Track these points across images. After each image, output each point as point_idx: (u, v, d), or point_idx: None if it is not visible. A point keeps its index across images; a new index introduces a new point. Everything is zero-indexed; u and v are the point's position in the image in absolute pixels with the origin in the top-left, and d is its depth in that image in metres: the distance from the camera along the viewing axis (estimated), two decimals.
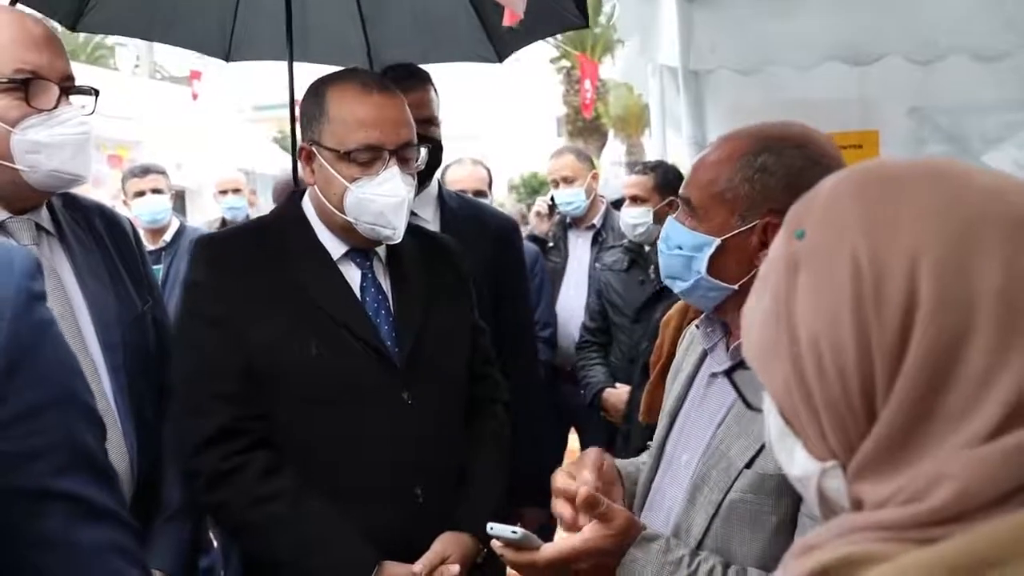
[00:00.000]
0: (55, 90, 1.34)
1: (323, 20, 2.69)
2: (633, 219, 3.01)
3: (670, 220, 1.29)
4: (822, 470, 0.60)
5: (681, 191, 1.28)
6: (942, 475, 0.51)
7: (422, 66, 2.29)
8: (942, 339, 0.53)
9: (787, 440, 0.63)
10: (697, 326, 1.34)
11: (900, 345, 0.54)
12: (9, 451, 0.83)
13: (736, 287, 1.20)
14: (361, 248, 1.59)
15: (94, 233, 1.52)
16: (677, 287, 1.28)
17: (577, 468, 1.27)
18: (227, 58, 2.77)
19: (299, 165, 1.60)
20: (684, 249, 1.24)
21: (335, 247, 1.57)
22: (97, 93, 1.45)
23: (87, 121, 1.39)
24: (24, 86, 1.30)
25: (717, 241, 1.20)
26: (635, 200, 3.00)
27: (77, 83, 1.41)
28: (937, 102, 3.00)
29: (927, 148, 3.04)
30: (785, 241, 0.64)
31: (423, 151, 1.60)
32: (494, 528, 1.17)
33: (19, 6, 1.97)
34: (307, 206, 1.61)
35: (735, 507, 1.12)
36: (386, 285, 1.61)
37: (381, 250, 1.62)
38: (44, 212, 1.43)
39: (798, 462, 0.62)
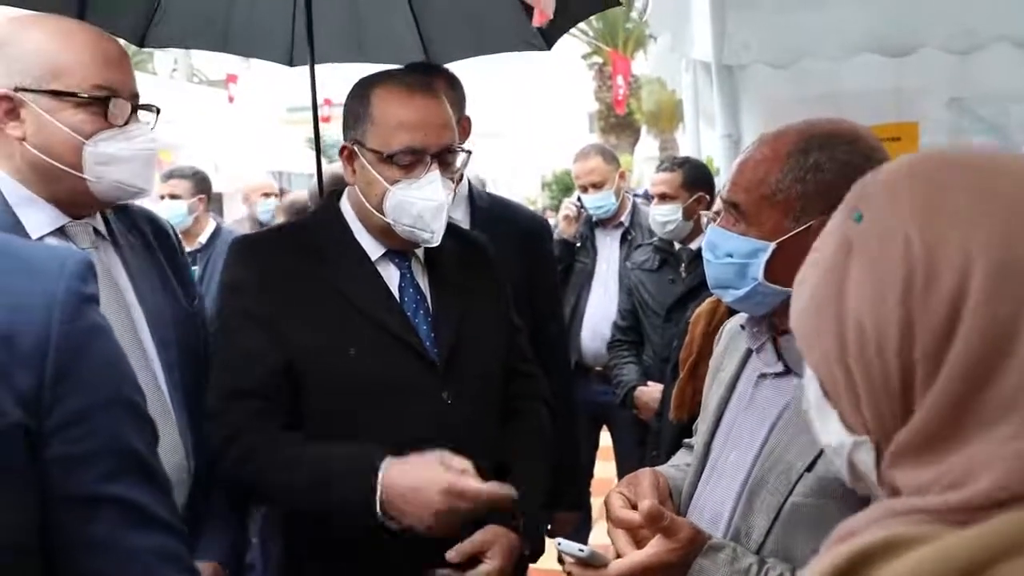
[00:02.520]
0: (128, 107, 1.40)
1: (376, 19, 2.72)
2: (662, 216, 2.99)
3: (714, 228, 1.24)
4: (853, 443, 0.62)
5: (726, 195, 1.22)
6: (983, 464, 0.51)
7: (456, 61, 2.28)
8: (990, 333, 0.53)
9: (824, 409, 0.65)
10: (742, 326, 1.31)
11: (945, 335, 0.54)
12: (61, 456, 0.84)
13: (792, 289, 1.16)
14: (399, 249, 1.60)
15: (143, 238, 1.57)
16: (729, 296, 1.23)
17: (633, 490, 1.26)
18: (291, 63, 2.80)
19: (339, 164, 1.61)
20: (736, 256, 1.18)
21: (373, 248, 1.58)
22: (159, 111, 1.50)
23: (155, 138, 1.45)
24: (101, 103, 1.36)
25: (772, 245, 1.15)
26: (663, 197, 2.99)
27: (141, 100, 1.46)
28: (977, 92, 2.93)
29: (967, 139, 2.98)
30: (841, 221, 0.65)
31: (463, 155, 1.61)
32: (562, 544, 1.16)
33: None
34: (345, 207, 1.61)
35: (797, 511, 1.10)
36: (424, 285, 1.61)
37: (419, 250, 1.62)
38: (99, 217, 1.48)
39: (832, 431, 0.64)
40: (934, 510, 0.52)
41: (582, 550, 1.14)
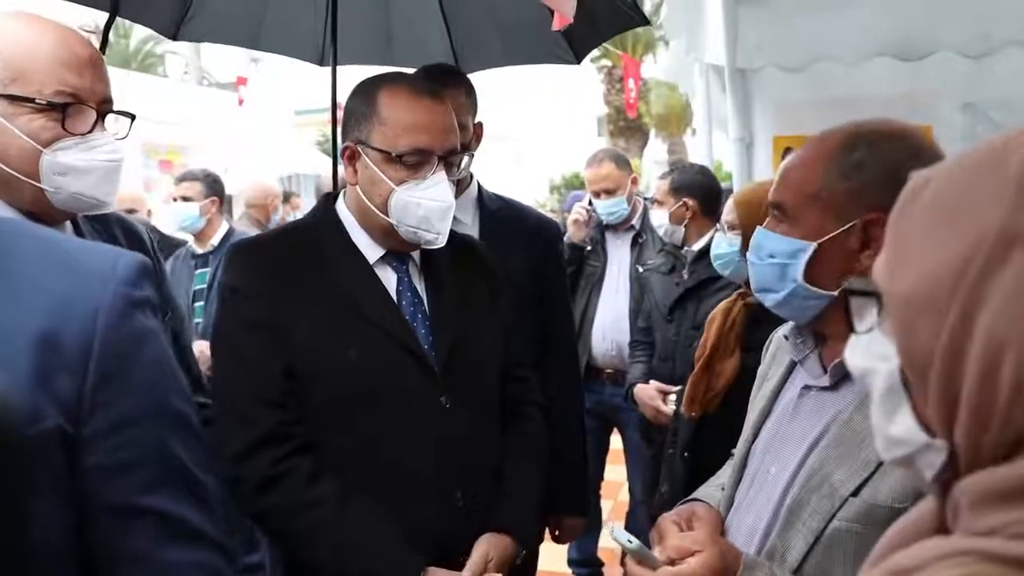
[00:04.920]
0: (92, 115, 1.33)
1: (408, 24, 2.72)
2: (655, 221, 3.13)
3: (760, 230, 1.21)
4: (926, 444, 0.55)
5: (771, 196, 1.19)
6: None
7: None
8: None
9: (894, 398, 0.58)
10: (786, 337, 1.30)
11: None
12: (100, 464, 0.82)
13: (835, 294, 1.13)
14: (398, 252, 1.58)
15: (114, 243, 1.52)
16: (769, 299, 1.21)
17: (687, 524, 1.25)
18: (321, 63, 2.80)
19: (342, 164, 1.58)
20: (777, 257, 1.16)
21: (371, 250, 1.56)
22: (133, 118, 1.43)
23: (119, 149, 1.37)
24: (62, 109, 1.29)
25: (813, 245, 1.13)
26: (657, 203, 3.10)
27: (129, 99, 1.42)
28: (991, 96, 2.92)
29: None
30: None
31: (466, 158, 1.59)
32: (615, 531, 1.16)
33: (67, 21, 1.99)
34: (342, 209, 1.59)
35: (839, 536, 1.07)
36: (421, 288, 1.59)
37: (415, 253, 1.61)
38: (67, 223, 1.43)
39: (902, 423, 0.57)
40: (1002, 556, 0.48)
41: (631, 541, 1.13)
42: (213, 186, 3.92)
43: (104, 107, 1.36)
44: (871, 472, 1.06)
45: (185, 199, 3.82)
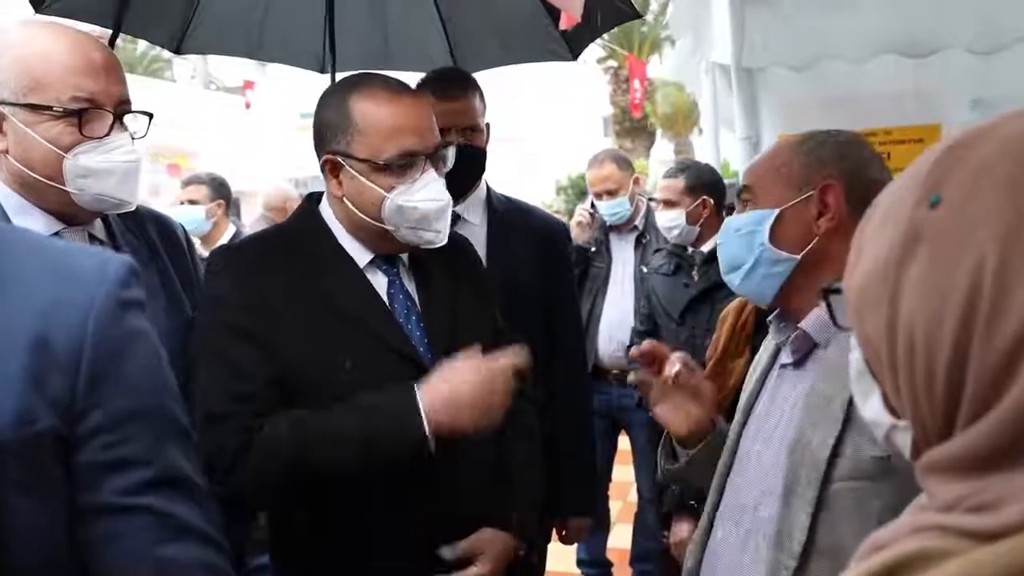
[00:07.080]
0: (109, 118, 1.36)
1: (405, 28, 2.72)
2: (667, 222, 2.96)
3: (727, 218, 1.34)
4: (892, 425, 0.61)
5: (741, 182, 1.34)
6: (1019, 494, 0.49)
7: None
8: None
9: (865, 381, 0.63)
10: (769, 321, 1.36)
11: (1004, 372, 0.49)
12: (92, 462, 0.82)
13: (798, 257, 1.23)
14: (388, 254, 1.55)
15: (147, 241, 1.54)
16: (738, 275, 1.30)
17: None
18: (322, 71, 2.81)
19: (323, 178, 1.52)
20: (743, 229, 1.28)
21: (360, 254, 1.53)
22: (151, 116, 1.46)
23: (137, 149, 1.41)
24: (79, 115, 1.32)
25: (776, 211, 1.25)
26: (668, 204, 2.95)
27: (134, 105, 1.42)
28: (1000, 93, 2.90)
29: None
30: (914, 200, 0.56)
31: (451, 152, 1.57)
32: None
33: (79, 28, 2.00)
34: (327, 213, 1.55)
35: (837, 497, 1.11)
36: (412, 290, 1.57)
37: (404, 255, 1.58)
38: (98, 222, 1.46)
39: (872, 406, 0.63)
40: (963, 530, 0.51)
41: None
42: (219, 189, 3.93)
43: (121, 108, 1.39)
44: (841, 428, 1.11)
45: (191, 202, 3.84)
